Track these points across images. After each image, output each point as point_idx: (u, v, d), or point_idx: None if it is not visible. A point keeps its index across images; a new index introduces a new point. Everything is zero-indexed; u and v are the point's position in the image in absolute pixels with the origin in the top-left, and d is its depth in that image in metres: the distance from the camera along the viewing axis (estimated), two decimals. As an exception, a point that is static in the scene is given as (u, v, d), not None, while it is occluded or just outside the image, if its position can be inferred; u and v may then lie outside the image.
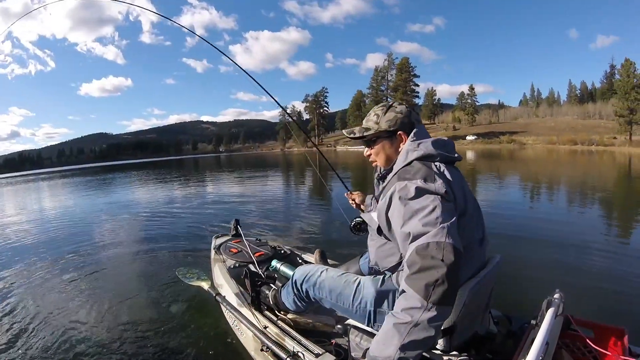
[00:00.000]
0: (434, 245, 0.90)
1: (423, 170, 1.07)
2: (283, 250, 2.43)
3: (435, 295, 0.86)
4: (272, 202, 8.23)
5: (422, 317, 0.87)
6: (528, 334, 1.11)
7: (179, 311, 2.55)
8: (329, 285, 1.39)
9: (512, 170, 15.05)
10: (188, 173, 22.79)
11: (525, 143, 47.95)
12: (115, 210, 8.37)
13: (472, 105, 74.21)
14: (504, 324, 1.33)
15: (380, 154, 1.26)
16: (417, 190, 1.00)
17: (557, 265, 3.36)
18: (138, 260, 3.95)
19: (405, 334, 0.88)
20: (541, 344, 0.93)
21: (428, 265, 0.89)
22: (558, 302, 1.14)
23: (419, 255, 0.91)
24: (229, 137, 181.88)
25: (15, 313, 2.68)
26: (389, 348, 0.90)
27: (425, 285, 0.87)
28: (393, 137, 1.22)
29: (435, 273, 0.87)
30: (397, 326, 0.90)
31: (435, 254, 0.89)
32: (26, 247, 4.94)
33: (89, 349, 2.10)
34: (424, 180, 1.03)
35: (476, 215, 1.16)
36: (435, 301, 0.86)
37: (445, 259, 0.88)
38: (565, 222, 5.46)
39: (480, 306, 1.19)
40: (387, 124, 1.22)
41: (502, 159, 21.61)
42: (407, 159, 1.13)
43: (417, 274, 0.90)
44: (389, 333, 0.91)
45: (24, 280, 3.44)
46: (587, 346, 1.13)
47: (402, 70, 70.93)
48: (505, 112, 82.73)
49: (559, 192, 8.77)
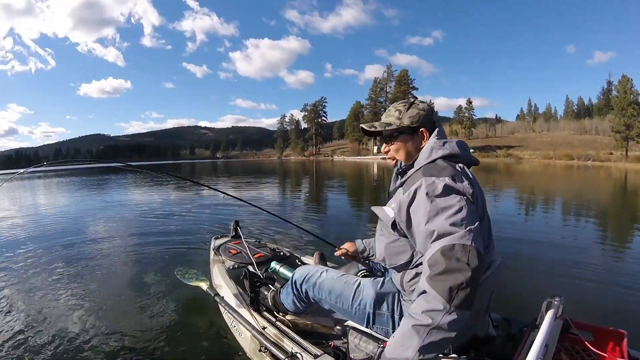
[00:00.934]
0: (459, 248, 0.89)
1: (449, 169, 1.05)
2: (282, 252, 2.43)
3: (458, 299, 0.85)
4: (271, 206, 8.23)
5: (443, 320, 0.86)
6: (527, 337, 1.11)
7: (177, 311, 2.53)
8: (329, 286, 1.39)
9: (509, 183, 15.13)
10: (185, 177, 22.72)
11: (522, 157, 48.07)
12: (112, 209, 8.30)
13: (469, 118, 74.45)
14: (503, 326, 1.34)
15: (400, 150, 1.23)
16: (445, 188, 0.99)
17: (557, 268, 3.38)
18: (137, 260, 3.92)
19: (425, 336, 0.86)
20: (540, 347, 0.93)
21: (453, 267, 0.87)
22: (557, 305, 1.15)
23: (444, 256, 0.89)
24: (227, 143, 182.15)
25: (13, 314, 2.64)
26: (407, 350, 0.87)
27: (449, 288, 0.86)
28: (415, 133, 1.20)
29: (461, 277, 0.86)
30: (417, 328, 0.88)
31: (461, 256, 0.88)
32: (22, 245, 4.88)
33: (85, 350, 2.07)
34: (452, 178, 1.01)
35: (488, 220, 1.17)
36: (458, 305, 0.85)
37: (470, 263, 0.87)
38: (563, 228, 5.57)
39: (481, 309, 1.20)
40: (409, 120, 1.20)
41: (498, 173, 21.74)
42: (432, 156, 1.11)
43: (441, 276, 0.88)
44: (407, 334, 0.89)
45: (18, 280, 3.40)
46: (587, 349, 1.13)
47: (401, 82, 71.09)
48: (503, 126, 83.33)
49: (556, 203, 8.86)
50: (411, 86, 71.78)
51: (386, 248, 1.22)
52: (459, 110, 77.74)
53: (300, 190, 12.57)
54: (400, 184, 1.20)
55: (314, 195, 10.87)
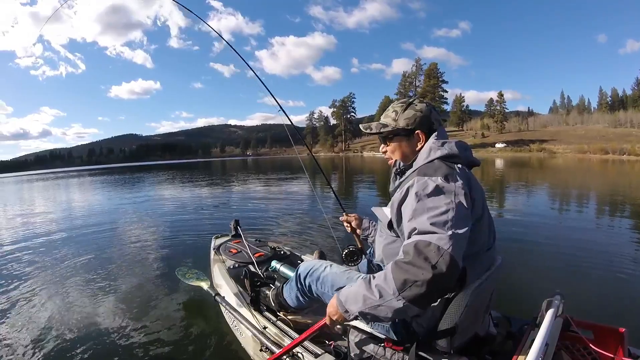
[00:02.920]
0: (434, 248, 0.88)
1: (445, 168, 1.04)
2: (283, 251, 2.43)
3: (409, 292, 0.88)
4: (277, 202, 8.25)
5: (388, 303, 0.91)
6: (528, 335, 1.11)
7: (178, 311, 2.54)
8: (332, 281, 1.39)
9: (541, 178, 14.76)
10: (212, 174, 22.98)
11: (556, 152, 46.90)
12: (116, 209, 8.37)
13: (501, 112, 73.09)
14: (504, 325, 1.33)
15: (396, 152, 1.23)
16: (435, 188, 0.98)
17: (557, 266, 3.38)
18: (137, 260, 3.93)
19: (369, 307, 0.95)
20: (541, 345, 0.93)
21: (418, 263, 0.87)
22: (558, 304, 1.15)
23: (416, 250, 0.89)
24: (256, 140, 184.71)
25: (9, 305, 2.66)
26: (352, 306, 1.00)
27: (404, 280, 0.88)
28: (410, 135, 1.18)
29: (420, 275, 0.86)
30: (366, 296, 0.96)
31: (431, 256, 0.87)
32: (14, 243, 4.91)
33: (86, 349, 2.08)
34: (444, 178, 1.00)
35: (490, 221, 1.15)
36: (406, 297, 0.88)
37: (437, 266, 0.86)
38: (569, 225, 5.50)
39: (482, 307, 1.19)
40: (405, 122, 1.18)
41: (531, 168, 21.25)
42: (430, 157, 1.10)
43: (404, 266, 0.90)
44: (358, 295, 0.99)
45: (12, 272, 3.42)
46: (587, 347, 1.13)
47: (430, 76, 70.32)
48: (535, 119, 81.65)
49: (587, 201, 8.37)
50: (441, 79, 71.06)
51: (384, 249, 1.23)
52: (490, 104, 76.48)
53: (329, 187, 12.32)
54: (398, 184, 1.19)
55: (343, 192, 10.73)
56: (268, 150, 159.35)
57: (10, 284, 3.28)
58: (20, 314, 2.60)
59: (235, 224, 2.69)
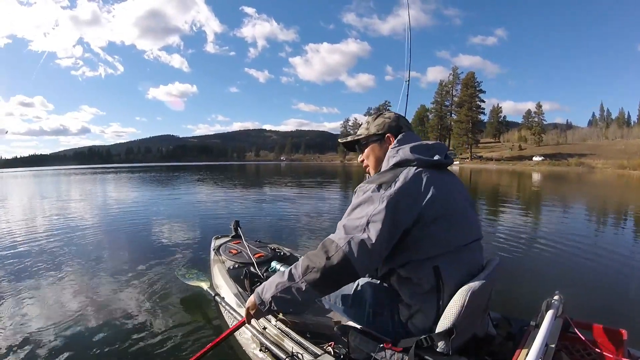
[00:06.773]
0: (334, 245, 1.03)
1: (388, 176, 1.10)
2: (283, 252, 2.44)
3: (309, 277, 1.05)
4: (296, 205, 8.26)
5: (295, 285, 1.08)
6: (527, 336, 1.11)
7: (178, 311, 2.54)
8: None
9: (576, 191, 14.44)
10: (240, 177, 23.32)
11: (594, 166, 45.63)
12: (121, 208, 8.38)
13: (538, 124, 70.86)
14: (503, 325, 1.33)
15: (370, 157, 1.33)
16: (363, 197, 1.08)
17: (557, 267, 3.37)
18: (137, 259, 3.92)
19: (280, 290, 1.11)
20: (540, 346, 0.93)
21: (319, 254, 1.05)
22: (557, 304, 1.14)
23: (322, 244, 1.06)
24: (291, 146, 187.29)
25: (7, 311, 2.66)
26: (267, 293, 1.16)
27: (307, 266, 1.06)
28: (382, 139, 1.30)
29: (317, 262, 1.04)
30: (278, 282, 1.13)
31: (329, 249, 1.03)
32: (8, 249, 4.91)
33: (86, 349, 2.07)
34: (378, 187, 1.07)
35: (465, 220, 1.16)
36: (307, 281, 1.06)
37: (331, 258, 1.02)
38: (572, 231, 5.44)
39: (480, 308, 1.19)
40: (376, 128, 1.31)
41: (568, 182, 20.57)
42: (389, 164, 1.19)
43: (310, 254, 1.08)
44: (272, 283, 1.15)
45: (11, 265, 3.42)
46: (587, 348, 1.13)
47: (467, 85, 67.36)
48: (574, 132, 79.34)
49: (606, 213, 8.17)
50: (478, 89, 67.68)
51: None
52: (528, 115, 73.85)
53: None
54: None
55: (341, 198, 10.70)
56: (302, 156, 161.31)
57: (6, 278, 3.27)
58: (18, 308, 2.58)
59: (236, 225, 2.69)
